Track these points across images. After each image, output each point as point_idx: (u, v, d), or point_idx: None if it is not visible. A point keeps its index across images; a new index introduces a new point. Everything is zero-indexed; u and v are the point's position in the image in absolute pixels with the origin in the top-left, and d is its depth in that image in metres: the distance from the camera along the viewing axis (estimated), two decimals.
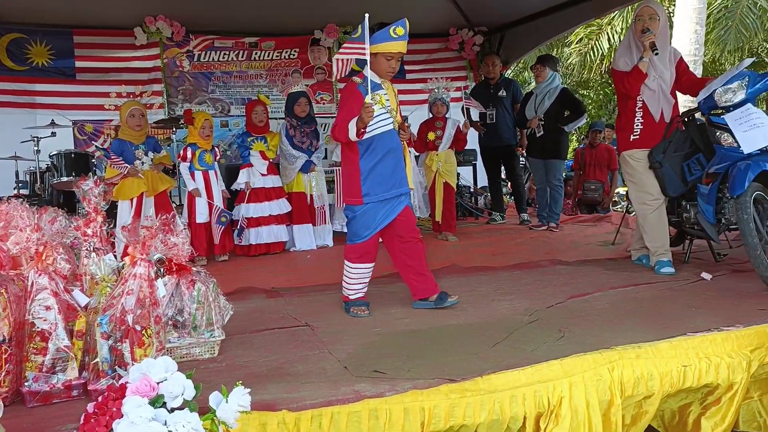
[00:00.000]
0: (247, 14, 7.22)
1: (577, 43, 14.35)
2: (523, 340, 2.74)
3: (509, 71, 15.41)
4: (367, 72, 3.07)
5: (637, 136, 4.14)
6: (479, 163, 7.36)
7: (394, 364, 2.47)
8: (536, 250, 5.14)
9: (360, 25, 3.04)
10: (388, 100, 3.18)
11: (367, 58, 3.01)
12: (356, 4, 7.20)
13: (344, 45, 3.14)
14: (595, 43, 13.93)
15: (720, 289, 3.54)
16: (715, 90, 3.69)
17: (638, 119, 4.13)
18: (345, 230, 5.84)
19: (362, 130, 3.06)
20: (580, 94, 17.53)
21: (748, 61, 3.81)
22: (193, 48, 7.45)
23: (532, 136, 6.30)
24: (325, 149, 6.63)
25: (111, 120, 6.93)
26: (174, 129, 6.70)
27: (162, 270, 2.54)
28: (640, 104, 4.12)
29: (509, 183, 7.52)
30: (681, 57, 4.22)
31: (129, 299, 2.20)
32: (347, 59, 3.10)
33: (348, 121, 3.06)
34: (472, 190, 8.16)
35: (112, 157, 4.78)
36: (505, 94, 6.67)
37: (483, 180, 7.68)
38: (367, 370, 2.40)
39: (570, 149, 10.76)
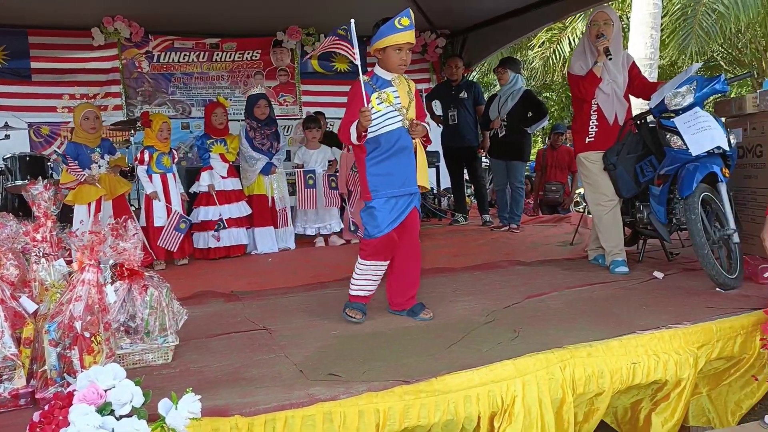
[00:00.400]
0: (207, 15, 7.14)
1: (539, 47, 14.55)
2: (479, 340, 2.78)
3: (474, 73, 15.61)
4: (373, 74, 3.04)
5: (592, 139, 4.22)
6: (442, 164, 7.41)
7: (349, 366, 2.48)
8: (497, 250, 5.20)
9: (346, 29, 2.97)
10: (397, 97, 3.07)
11: (358, 63, 2.96)
12: (318, 7, 7.25)
13: (335, 40, 3.05)
14: (556, 47, 14.16)
15: (671, 288, 3.63)
16: (666, 94, 3.79)
17: (593, 122, 4.21)
18: (306, 233, 5.89)
19: (363, 134, 2.98)
20: (543, 97, 17.82)
21: (697, 66, 3.92)
22: (152, 49, 7.35)
23: (495, 137, 6.35)
24: (288, 151, 6.61)
25: (68, 122, 6.79)
26: (133, 131, 6.60)
27: (114, 275, 2.51)
28: (594, 107, 4.20)
29: (473, 185, 7.59)
30: (633, 61, 4.32)
31: (77, 305, 2.16)
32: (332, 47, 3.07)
33: (351, 123, 3.00)
34: (435, 191, 8.22)
35: (69, 163, 4.68)
36: (466, 95, 6.73)
37: (446, 182, 7.74)
38: (322, 374, 2.40)
39: (533, 150, 10.93)
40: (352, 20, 2.95)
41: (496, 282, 3.97)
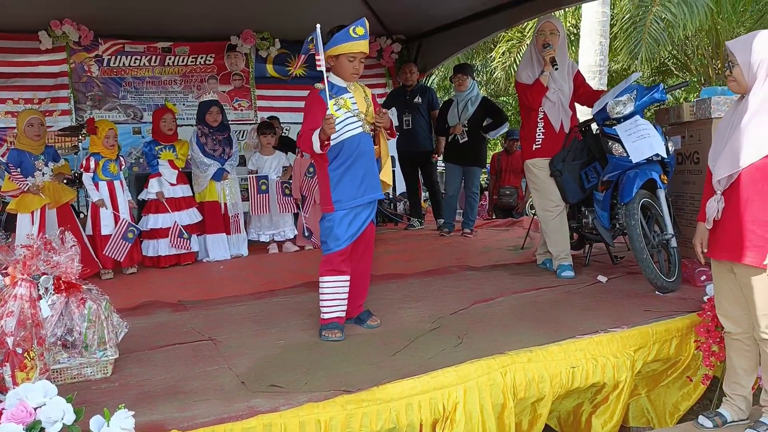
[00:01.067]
0: (159, 18, 7.00)
1: (500, 57, 14.76)
2: (423, 347, 2.80)
3: (433, 77, 15.72)
4: (328, 81, 2.97)
5: (539, 146, 4.30)
6: (397, 169, 7.44)
7: (292, 376, 2.48)
8: (449, 255, 5.24)
9: (312, 36, 2.92)
10: (354, 103, 3.04)
11: (323, 69, 2.92)
12: (273, 11, 7.22)
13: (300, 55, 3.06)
14: (516, 56, 14.41)
15: (613, 291, 3.72)
16: (608, 103, 3.89)
17: (540, 129, 4.30)
18: (260, 239, 5.85)
19: (326, 142, 2.91)
20: (500, 101, 18.10)
21: (636, 75, 4.05)
22: (102, 52, 7.17)
23: (454, 143, 6.35)
24: (242, 156, 6.56)
25: (13, 128, 6.59)
26: (81, 137, 6.45)
27: (50, 287, 2.45)
28: (541, 115, 4.29)
29: (428, 189, 7.64)
30: (578, 70, 4.44)
31: (9, 321, 2.11)
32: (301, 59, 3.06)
33: (312, 131, 2.93)
34: (391, 196, 8.25)
35: (12, 171, 4.54)
36: (421, 100, 6.79)
37: (402, 186, 7.77)
38: (264, 385, 2.39)
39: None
40: (318, 25, 2.91)
41: (445, 288, 4.02)
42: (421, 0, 6.76)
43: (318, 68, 2.94)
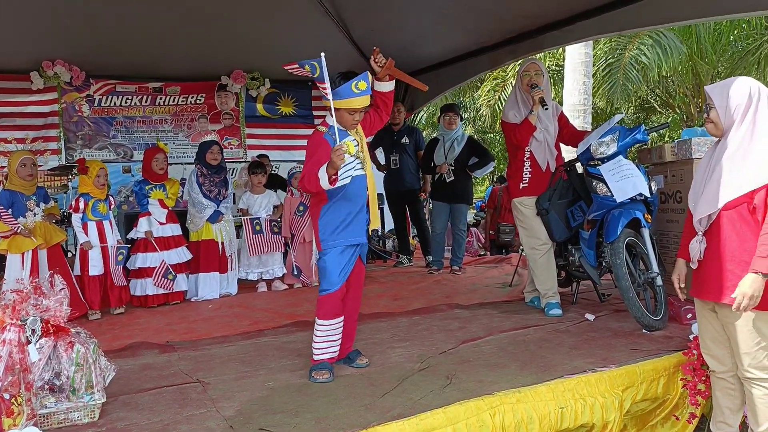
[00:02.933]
0: (151, 59, 7.12)
1: (486, 94, 15.04)
2: (412, 389, 2.80)
3: (422, 113, 15.94)
4: (330, 124, 3.02)
5: (526, 185, 4.38)
6: (385, 206, 7.50)
7: (281, 420, 2.47)
8: (437, 293, 5.26)
9: (317, 63, 2.86)
10: (357, 145, 3.05)
11: (330, 98, 2.90)
12: (262, 52, 7.34)
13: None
14: (501, 94, 14.69)
15: (600, 329, 3.75)
16: (591, 143, 3.98)
17: (527, 168, 4.37)
18: (249, 278, 5.85)
19: (334, 177, 2.88)
20: (487, 137, 18.38)
21: (618, 117, 4.14)
22: (93, 93, 7.26)
23: (441, 181, 6.43)
24: (233, 194, 6.59)
25: (3, 167, 6.61)
26: (72, 176, 6.47)
27: (38, 329, 2.44)
28: (528, 154, 4.37)
29: (415, 227, 7.69)
30: (561, 111, 4.54)
31: None
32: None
33: (317, 169, 2.88)
34: (379, 233, 8.29)
35: (3, 213, 4.53)
36: (408, 140, 6.88)
37: (391, 224, 7.82)
38: (252, 429, 2.38)
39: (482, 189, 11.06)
40: (323, 54, 2.86)
41: (433, 326, 4.02)
42: (408, 41, 6.89)
43: (326, 95, 2.91)
